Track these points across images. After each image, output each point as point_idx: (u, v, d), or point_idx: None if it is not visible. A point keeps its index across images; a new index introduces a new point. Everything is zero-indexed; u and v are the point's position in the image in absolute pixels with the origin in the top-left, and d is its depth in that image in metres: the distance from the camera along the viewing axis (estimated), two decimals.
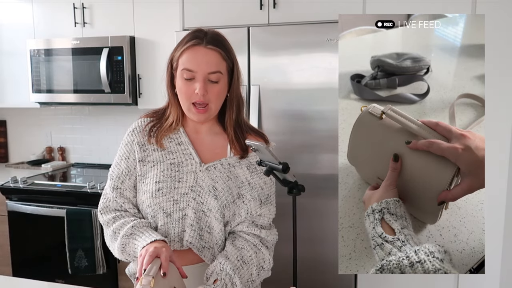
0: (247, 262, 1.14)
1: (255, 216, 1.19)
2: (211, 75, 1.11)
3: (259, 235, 1.19)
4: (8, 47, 2.93)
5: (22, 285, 1.49)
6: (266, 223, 1.21)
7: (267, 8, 2.19)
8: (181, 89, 1.14)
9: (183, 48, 1.13)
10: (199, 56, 1.11)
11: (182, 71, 1.12)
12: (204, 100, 1.12)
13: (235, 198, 1.16)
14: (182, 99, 1.15)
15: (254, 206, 1.17)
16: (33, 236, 2.63)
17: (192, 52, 1.11)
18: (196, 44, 1.12)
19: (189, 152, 1.19)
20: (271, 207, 1.22)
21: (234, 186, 1.17)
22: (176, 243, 1.15)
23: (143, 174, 1.18)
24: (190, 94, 1.12)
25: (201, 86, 1.10)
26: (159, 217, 1.15)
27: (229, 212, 1.15)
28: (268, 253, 1.19)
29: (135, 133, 1.22)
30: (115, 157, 1.25)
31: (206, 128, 1.23)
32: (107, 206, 1.20)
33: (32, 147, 3.30)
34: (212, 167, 1.18)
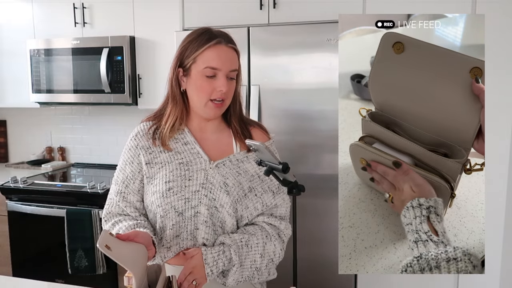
0: (251, 247, 1.15)
1: (272, 208, 1.21)
2: (231, 72, 1.16)
3: (278, 226, 1.20)
4: (8, 47, 2.93)
5: (22, 285, 1.49)
6: (284, 213, 1.23)
7: (267, 8, 2.19)
8: (201, 86, 1.15)
9: (204, 47, 1.14)
10: (223, 54, 1.15)
11: (204, 69, 1.14)
12: (223, 96, 1.16)
13: (246, 192, 1.17)
14: (200, 96, 1.16)
15: (267, 198, 1.19)
16: (33, 236, 2.63)
17: (216, 51, 1.14)
18: (219, 43, 1.15)
19: (197, 151, 1.20)
20: (284, 196, 1.23)
21: (245, 181, 1.18)
22: (189, 241, 1.16)
23: (151, 176, 1.18)
24: (211, 91, 1.15)
25: (225, 83, 1.14)
26: (170, 217, 1.15)
27: (241, 206, 1.16)
28: (280, 247, 1.20)
29: (139, 137, 1.22)
30: (118, 163, 1.25)
31: (211, 126, 1.24)
32: (109, 212, 1.22)
33: (32, 147, 3.30)
34: (221, 164, 1.19)
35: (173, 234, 1.15)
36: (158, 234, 1.17)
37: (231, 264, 1.12)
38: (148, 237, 1.08)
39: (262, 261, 1.16)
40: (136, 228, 1.13)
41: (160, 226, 1.17)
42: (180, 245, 1.16)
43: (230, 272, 1.13)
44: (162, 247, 1.17)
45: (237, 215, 1.17)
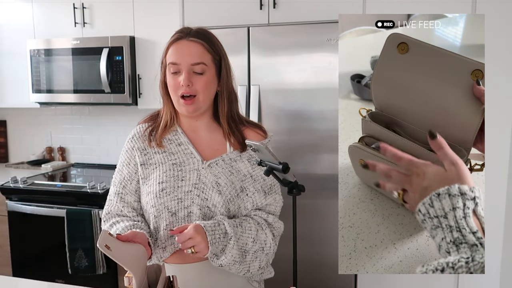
0: (245, 228, 1.15)
1: (261, 206, 1.22)
2: (194, 66, 1.14)
3: (266, 219, 1.21)
4: (8, 47, 2.93)
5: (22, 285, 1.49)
6: (274, 210, 1.23)
7: (267, 8, 2.19)
8: (169, 83, 1.17)
9: (168, 44, 1.18)
10: (182, 48, 1.15)
11: (168, 66, 1.17)
12: (190, 91, 1.15)
13: (238, 192, 1.18)
14: (172, 94, 1.18)
15: (258, 197, 1.20)
16: (33, 236, 2.63)
17: (175, 46, 1.16)
18: (179, 38, 1.16)
19: (190, 151, 1.20)
20: (277, 196, 1.24)
21: (237, 180, 1.18)
22: None
23: (146, 177, 1.20)
24: (177, 86, 1.15)
25: (185, 77, 1.14)
26: (163, 217, 1.16)
27: (234, 206, 1.17)
28: (271, 237, 1.20)
29: (135, 139, 1.24)
30: (117, 164, 1.27)
31: (203, 125, 1.24)
32: (108, 213, 1.23)
33: (32, 147, 3.30)
34: (214, 163, 1.19)
35: (168, 234, 1.16)
36: (153, 234, 1.18)
37: (227, 239, 1.11)
38: (145, 238, 1.09)
39: (253, 246, 1.16)
40: (133, 229, 1.14)
41: (154, 226, 1.18)
42: (175, 245, 1.16)
43: (227, 248, 1.12)
44: (158, 248, 1.18)
45: (229, 215, 1.18)
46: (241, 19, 2.21)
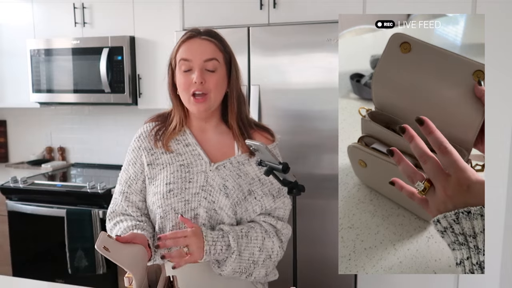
0: (250, 239, 1.15)
1: (271, 210, 1.21)
2: (207, 63, 1.14)
3: (275, 225, 1.20)
4: (8, 47, 2.93)
5: (22, 285, 1.49)
6: (283, 214, 1.23)
7: (267, 8, 2.19)
8: (180, 82, 1.16)
9: (179, 43, 1.17)
10: (195, 45, 1.15)
11: (180, 63, 1.15)
12: (202, 89, 1.14)
13: (246, 195, 1.17)
14: (182, 92, 1.17)
15: (267, 201, 1.19)
16: (33, 236, 2.63)
17: (188, 43, 1.16)
18: (191, 37, 1.16)
19: (198, 153, 1.20)
20: (285, 199, 1.23)
21: (245, 184, 1.18)
22: None
23: (152, 177, 1.19)
24: (189, 84, 1.14)
25: (198, 74, 1.13)
26: (170, 218, 1.16)
27: (241, 209, 1.16)
28: (278, 244, 1.19)
29: (141, 138, 1.24)
30: (124, 163, 1.27)
31: (212, 127, 1.23)
32: (113, 211, 1.23)
33: (32, 147, 3.30)
34: (222, 166, 1.19)
35: None
36: (158, 234, 1.18)
37: (230, 252, 1.12)
38: (145, 240, 1.09)
39: (260, 255, 1.16)
40: (134, 230, 1.13)
41: (160, 226, 1.18)
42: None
43: (229, 261, 1.12)
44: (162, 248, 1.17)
45: (236, 218, 1.17)
46: (241, 19, 2.21)
